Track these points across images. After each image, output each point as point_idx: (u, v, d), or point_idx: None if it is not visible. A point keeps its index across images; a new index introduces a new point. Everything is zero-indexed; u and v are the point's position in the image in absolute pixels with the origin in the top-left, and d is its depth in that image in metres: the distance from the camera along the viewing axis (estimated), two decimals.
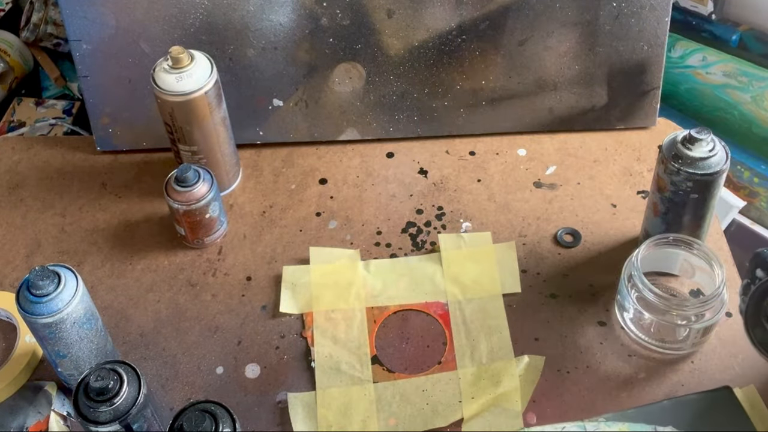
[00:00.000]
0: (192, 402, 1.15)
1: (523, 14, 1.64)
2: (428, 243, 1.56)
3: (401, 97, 1.70)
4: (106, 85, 1.68)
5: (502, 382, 1.35)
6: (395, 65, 1.68)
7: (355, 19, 1.64)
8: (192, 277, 1.53)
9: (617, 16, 1.63)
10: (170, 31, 1.63)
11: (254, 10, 1.62)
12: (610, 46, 1.66)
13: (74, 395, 1.16)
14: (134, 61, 1.65)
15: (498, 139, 1.73)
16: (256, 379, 1.39)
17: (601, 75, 1.69)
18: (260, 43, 1.65)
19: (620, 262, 1.40)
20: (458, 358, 1.40)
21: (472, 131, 1.74)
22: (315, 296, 1.48)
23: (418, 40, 1.66)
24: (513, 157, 1.70)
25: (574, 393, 1.35)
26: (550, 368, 1.37)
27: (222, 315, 1.47)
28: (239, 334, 1.44)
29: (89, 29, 1.62)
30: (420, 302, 1.47)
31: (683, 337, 1.35)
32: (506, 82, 1.70)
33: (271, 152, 1.74)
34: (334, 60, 1.68)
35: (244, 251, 1.56)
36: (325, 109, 1.71)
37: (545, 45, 1.67)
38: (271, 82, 1.68)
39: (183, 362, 1.41)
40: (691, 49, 1.93)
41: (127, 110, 1.70)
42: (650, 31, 1.65)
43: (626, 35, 1.65)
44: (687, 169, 1.32)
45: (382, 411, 1.34)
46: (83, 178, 1.70)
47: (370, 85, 1.70)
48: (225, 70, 1.65)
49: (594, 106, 1.72)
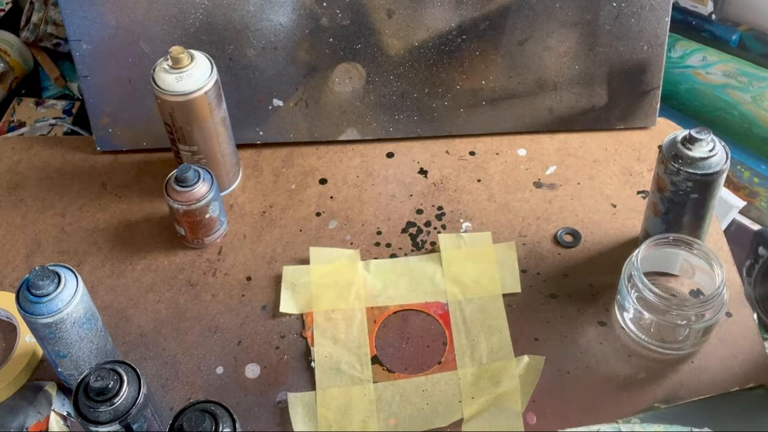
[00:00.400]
0: (192, 402, 1.15)
1: (523, 14, 1.64)
2: (428, 243, 1.56)
3: (401, 97, 1.70)
4: (106, 85, 1.68)
5: (502, 382, 1.35)
6: (395, 65, 1.68)
7: (355, 19, 1.64)
8: (192, 277, 1.53)
9: (617, 16, 1.63)
10: (170, 31, 1.63)
11: (254, 10, 1.62)
12: (610, 46, 1.66)
13: (74, 395, 1.16)
14: (134, 61, 1.65)
15: (498, 139, 1.73)
16: (256, 379, 1.39)
17: (601, 75, 1.69)
18: (260, 43, 1.65)
19: (620, 262, 1.40)
20: (458, 358, 1.40)
21: (472, 131, 1.73)
22: (315, 296, 1.48)
23: (418, 40, 1.66)
24: (513, 157, 1.70)
25: (574, 393, 1.35)
26: (550, 368, 1.37)
27: (222, 315, 1.47)
28: (239, 334, 1.44)
29: (89, 29, 1.62)
30: (420, 302, 1.47)
31: (683, 337, 1.35)
32: (506, 82, 1.70)
33: (271, 152, 1.74)
34: (334, 60, 1.68)
35: (244, 251, 1.56)
36: (325, 109, 1.71)
37: (545, 45, 1.67)
38: (271, 82, 1.68)
39: (183, 362, 1.41)
40: (691, 49, 1.93)
41: (127, 110, 1.70)
42: (650, 31, 1.65)
43: (626, 35, 1.65)
44: (687, 169, 1.32)
45: (382, 411, 1.34)
46: (83, 178, 1.70)
47: (370, 85, 1.70)
48: (225, 70, 1.65)
49: (594, 106, 1.72)
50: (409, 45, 1.66)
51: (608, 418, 1.30)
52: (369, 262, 1.53)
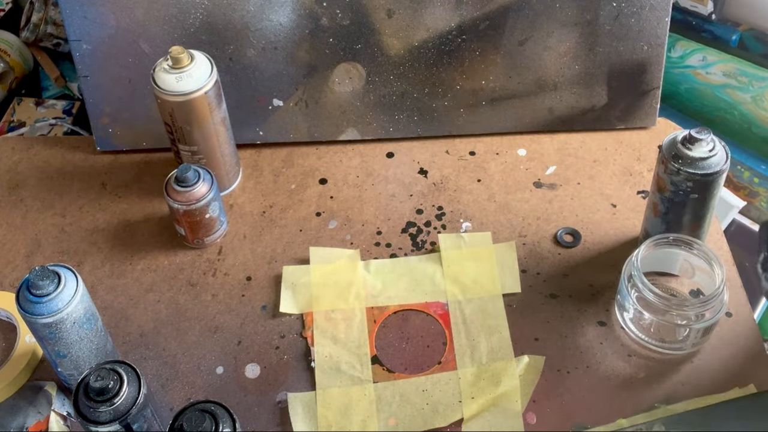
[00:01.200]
0: (192, 402, 1.15)
1: (523, 14, 1.64)
2: (428, 243, 1.56)
3: (401, 97, 1.70)
4: (106, 85, 1.68)
5: (501, 382, 1.35)
6: (395, 65, 1.68)
7: (355, 19, 1.64)
8: (192, 277, 1.53)
9: (617, 16, 1.63)
10: (170, 31, 1.63)
11: (254, 10, 1.62)
12: (610, 46, 1.66)
13: (74, 395, 1.16)
14: (134, 61, 1.65)
15: (498, 139, 1.73)
16: (256, 379, 1.39)
17: (601, 75, 1.69)
18: (260, 43, 1.65)
19: (620, 262, 1.40)
20: (458, 358, 1.40)
21: (472, 131, 1.73)
22: (315, 296, 1.48)
23: (418, 40, 1.66)
24: (513, 157, 1.70)
25: (575, 393, 1.35)
26: (550, 368, 1.37)
27: (222, 315, 1.47)
28: (239, 334, 1.44)
29: (89, 29, 1.62)
30: (420, 302, 1.47)
31: (683, 337, 1.35)
32: (506, 82, 1.70)
33: (271, 152, 1.74)
34: (334, 60, 1.68)
35: (244, 251, 1.56)
36: (325, 109, 1.71)
37: (545, 45, 1.67)
38: (271, 82, 1.68)
39: (183, 362, 1.41)
40: (691, 49, 1.93)
41: (127, 110, 1.70)
42: (650, 31, 1.65)
43: (626, 35, 1.65)
44: (687, 169, 1.32)
45: (382, 411, 1.34)
46: (83, 178, 1.70)
47: (370, 85, 1.70)
48: (225, 70, 1.65)
49: (594, 106, 1.72)
50: (409, 45, 1.66)
51: (608, 418, 1.30)
52: (369, 262, 1.53)
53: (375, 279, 1.50)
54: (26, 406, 1.36)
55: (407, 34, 1.65)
